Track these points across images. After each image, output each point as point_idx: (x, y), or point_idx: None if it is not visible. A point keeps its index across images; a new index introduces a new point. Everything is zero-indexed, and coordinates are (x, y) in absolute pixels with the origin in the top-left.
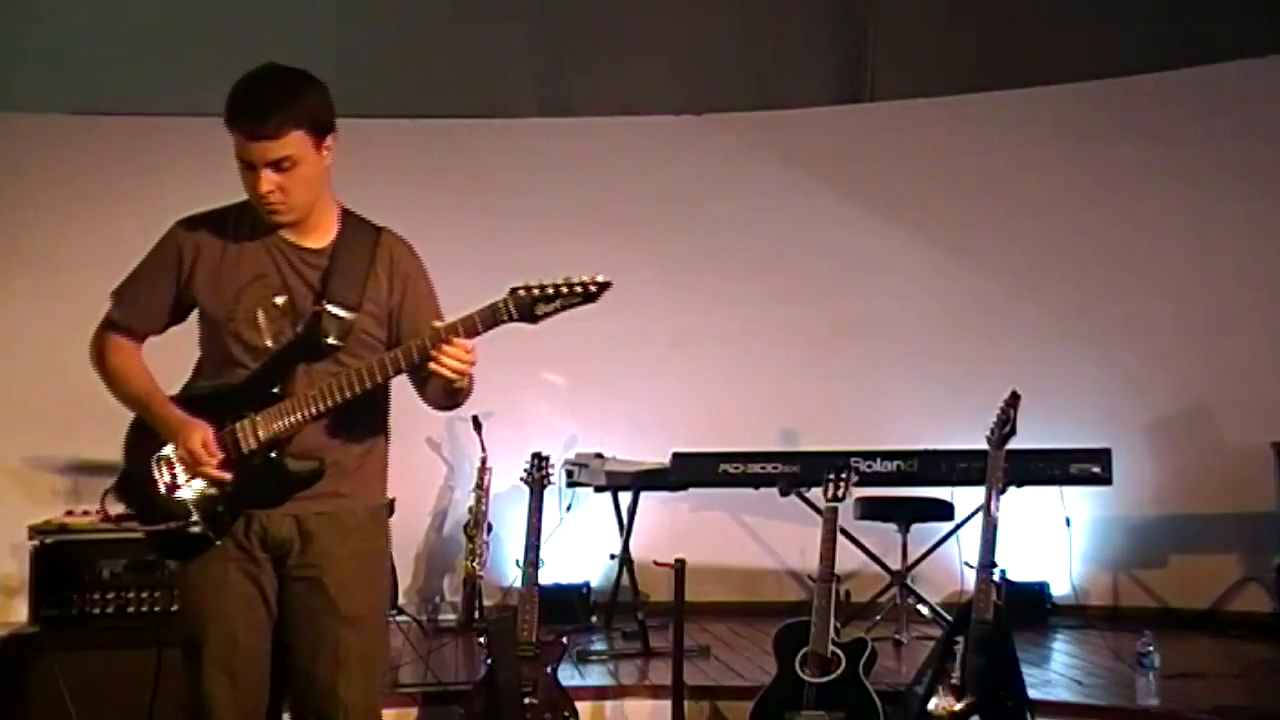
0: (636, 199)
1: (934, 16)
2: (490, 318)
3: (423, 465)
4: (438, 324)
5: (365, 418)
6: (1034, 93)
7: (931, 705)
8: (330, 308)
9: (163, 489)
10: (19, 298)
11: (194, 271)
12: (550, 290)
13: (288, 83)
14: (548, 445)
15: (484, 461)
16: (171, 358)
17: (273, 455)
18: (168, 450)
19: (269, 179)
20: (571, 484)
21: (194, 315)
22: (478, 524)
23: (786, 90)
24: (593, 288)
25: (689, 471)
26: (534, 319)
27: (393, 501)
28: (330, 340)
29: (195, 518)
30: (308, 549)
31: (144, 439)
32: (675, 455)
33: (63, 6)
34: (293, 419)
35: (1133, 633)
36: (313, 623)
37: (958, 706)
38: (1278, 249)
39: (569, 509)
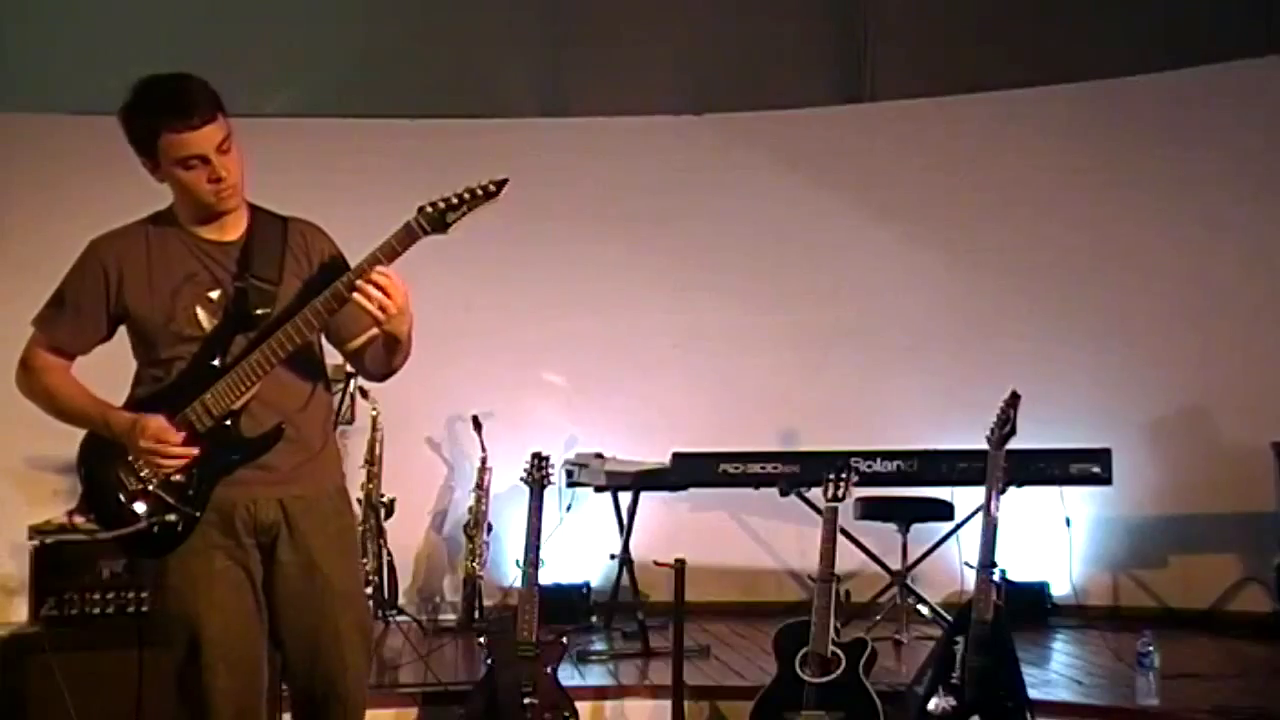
0: (636, 199)
1: (934, 16)
2: (405, 237)
3: (423, 465)
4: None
5: (312, 393)
6: (1034, 93)
7: (931, 705)
8: (254, 281)
9: (133, 488)
10: (19, 297)
11: (122, 285)
12: (454, 199)
13: (189, 77)
14: (548, 445)
15: (484, 461)
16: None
17: (227, 424)
18: (128, 455)
19: (222, 163)
20: (571, 484)
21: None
22: (478, 524)
23: (786, 90)
24: (491, 187)
25: (689, 471)
26: (445, 228)
27: (393, 501)
28: (259, 311)
29: (171, 504)
30: (294, 532)
31: (98, 451)
32: (675, 455)
33: (62, 6)
34: (240, 386)
35: (1133, 633)
36: (310, 603)
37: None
38: (1278, 249)
39: (569, 509)
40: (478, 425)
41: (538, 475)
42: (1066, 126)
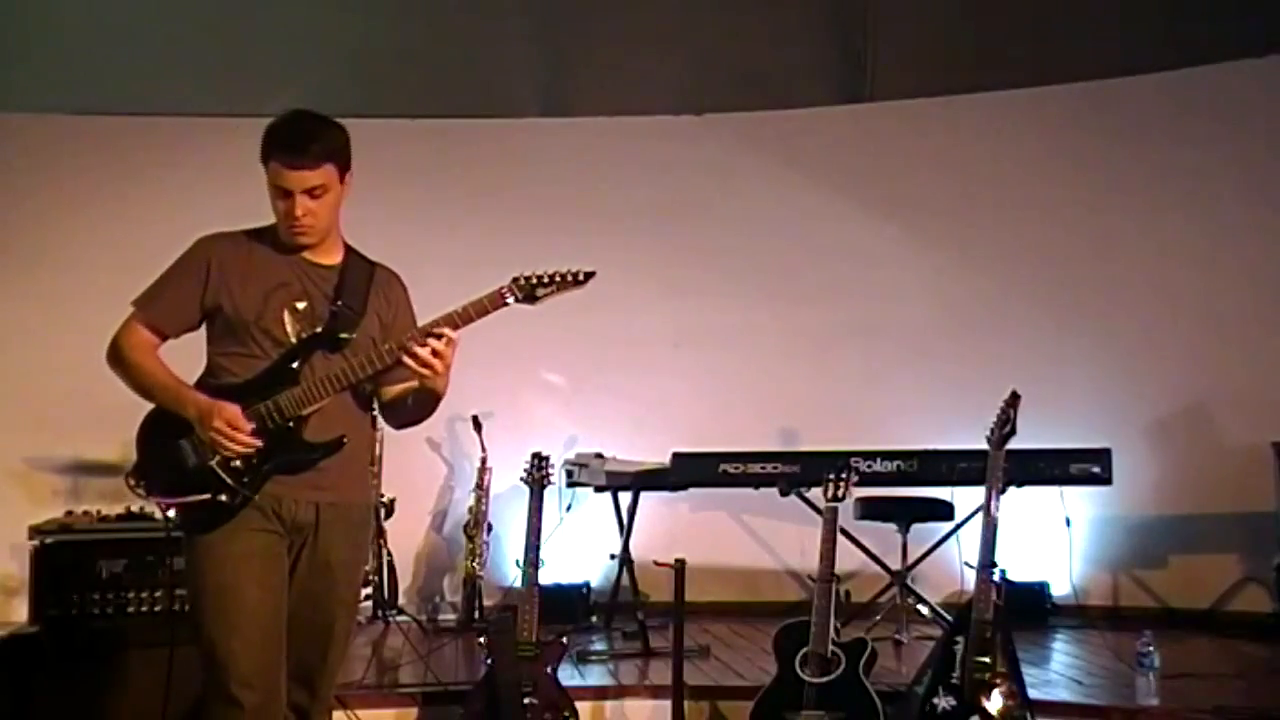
0: (636, 199)
1: (934, 16)
2: (498, 299)
3: (423, 465)
4: (438, 317)
5: (364, 418)
6: (1034, 93)
7: (931, 705)
8: (344, 307)
9: (191, 465)
10: (19, 297)
11: (222, 280)
12: (546, 277)
13: (322, 122)
14: (548, 445)
15: (484, 461)
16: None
17: (290, 426)
18: (194, 433)
19: (303, 204)
20: (571, 484)
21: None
22: (478, 524)
23: (786, 90)
24: (581, 276)
25: (689, 471)
26: (534, 300)
27: (393, 501)
28: (344, 335)
29: (228, 484)
30: (320, 535)
31: (163, 425)
32: (675, 455)
33: (63, 6)
34: (312, 396)
35: (1133, 633)
36: (314, 600)
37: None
38: (1278, 248)
39: (569, 509)
40: (478, 425)
41: (538, 475)
42: (1066, 127)
